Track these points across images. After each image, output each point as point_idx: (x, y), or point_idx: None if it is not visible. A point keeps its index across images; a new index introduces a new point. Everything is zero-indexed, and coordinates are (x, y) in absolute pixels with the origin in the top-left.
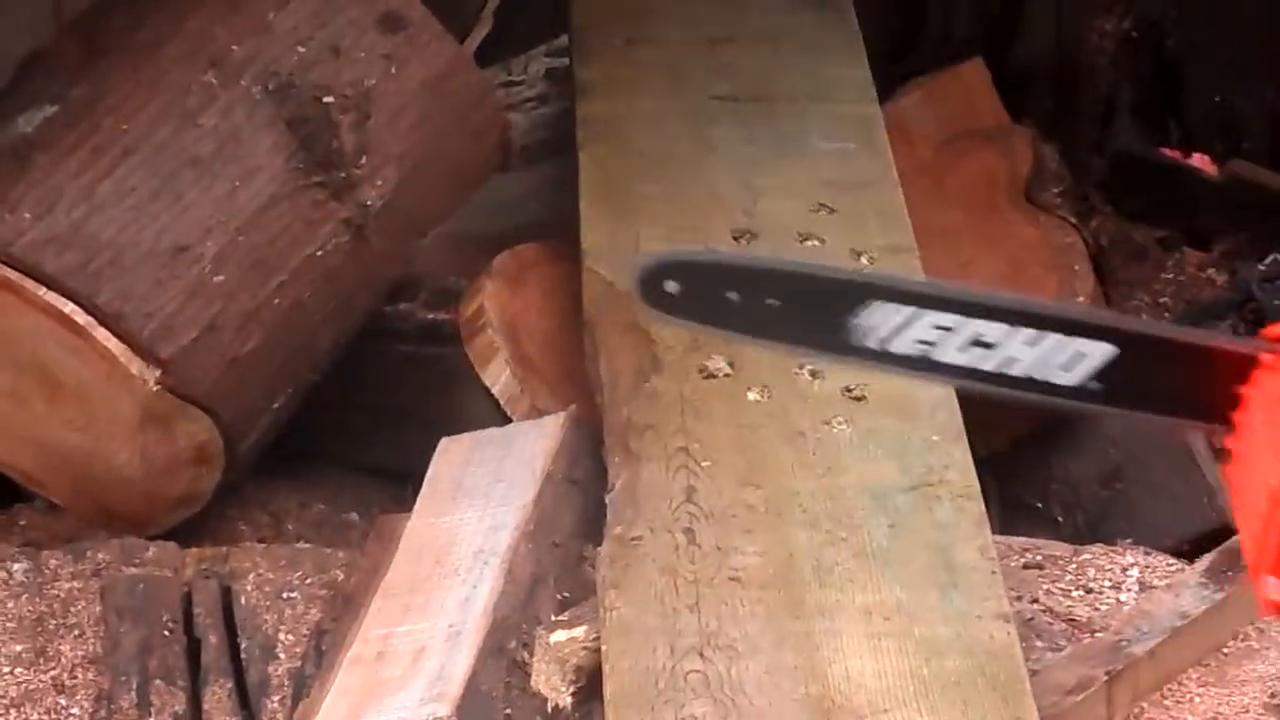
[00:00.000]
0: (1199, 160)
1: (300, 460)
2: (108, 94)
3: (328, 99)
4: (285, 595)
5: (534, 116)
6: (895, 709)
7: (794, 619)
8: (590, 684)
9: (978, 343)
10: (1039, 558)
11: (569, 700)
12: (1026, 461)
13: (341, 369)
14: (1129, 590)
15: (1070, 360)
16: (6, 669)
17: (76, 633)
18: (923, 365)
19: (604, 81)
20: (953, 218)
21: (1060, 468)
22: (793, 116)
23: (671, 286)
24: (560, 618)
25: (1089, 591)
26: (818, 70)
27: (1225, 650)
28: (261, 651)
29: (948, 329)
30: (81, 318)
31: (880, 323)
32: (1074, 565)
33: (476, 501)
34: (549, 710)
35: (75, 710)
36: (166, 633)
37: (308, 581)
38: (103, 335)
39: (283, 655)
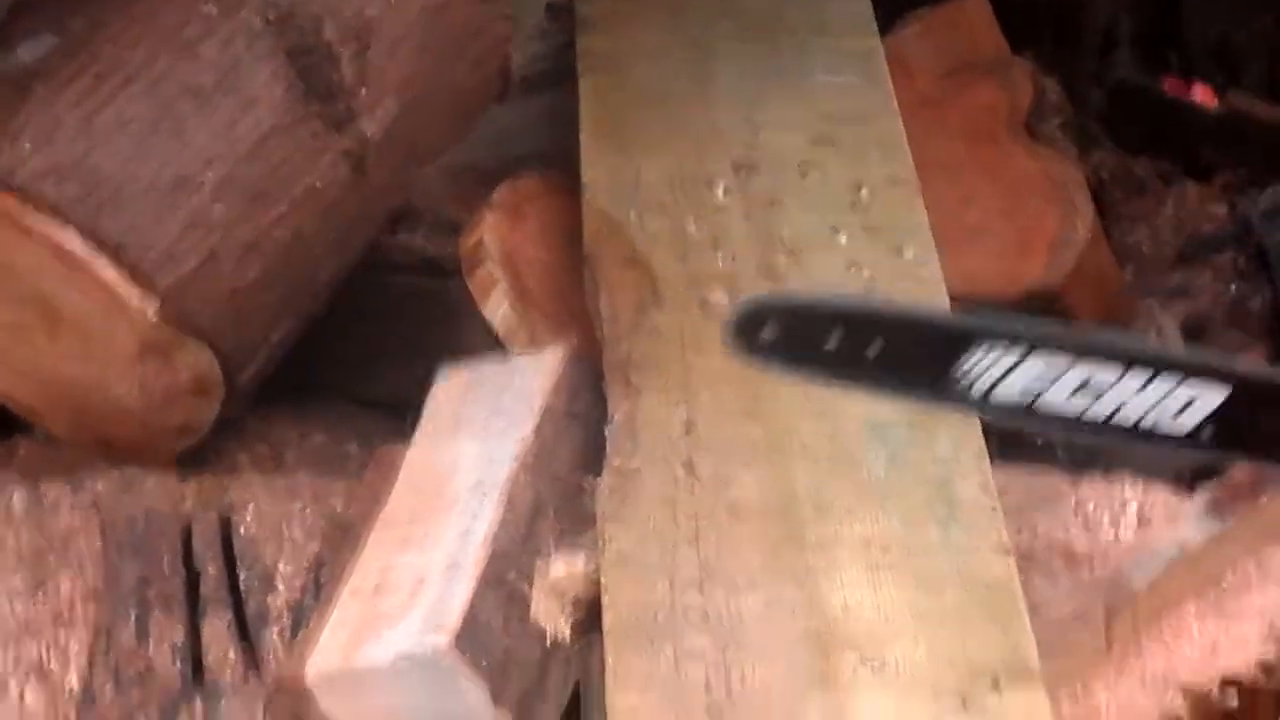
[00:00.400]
0: (1200, 91)
1: (300, 392)
2: (107, 24)
3: (328, 29)
4: (285, 526)
5: (533, 49)
6: (894, 641)
7: (793, 552)
8: (590, 616)
9: (1086, 388)
10: (1038, 489)
11: (568, 632)
12: None
13: (342, 301)
14: (1127, 523)
15: (1182, 406)
16: (5, 601)
17: (75, 565)
18: (1031, 414)
19: (605, 15)
20: (953, 150)
21: None
22: (794, 50)
23: (769, 333)
24: (559, 550)
25: (1088, 523)
26: (819, 4)
27: (1224, 583)
28: (261, 583)
29: (1055, 375)
30: (81, 248)
31: (986, 369)
32: (1072, 498)
33: (475, 433)
34: (548, 642)
35: (74, 643)
36: (166, 565)
37: (307, 513)
38: (102, 266)
39: (282, 587)
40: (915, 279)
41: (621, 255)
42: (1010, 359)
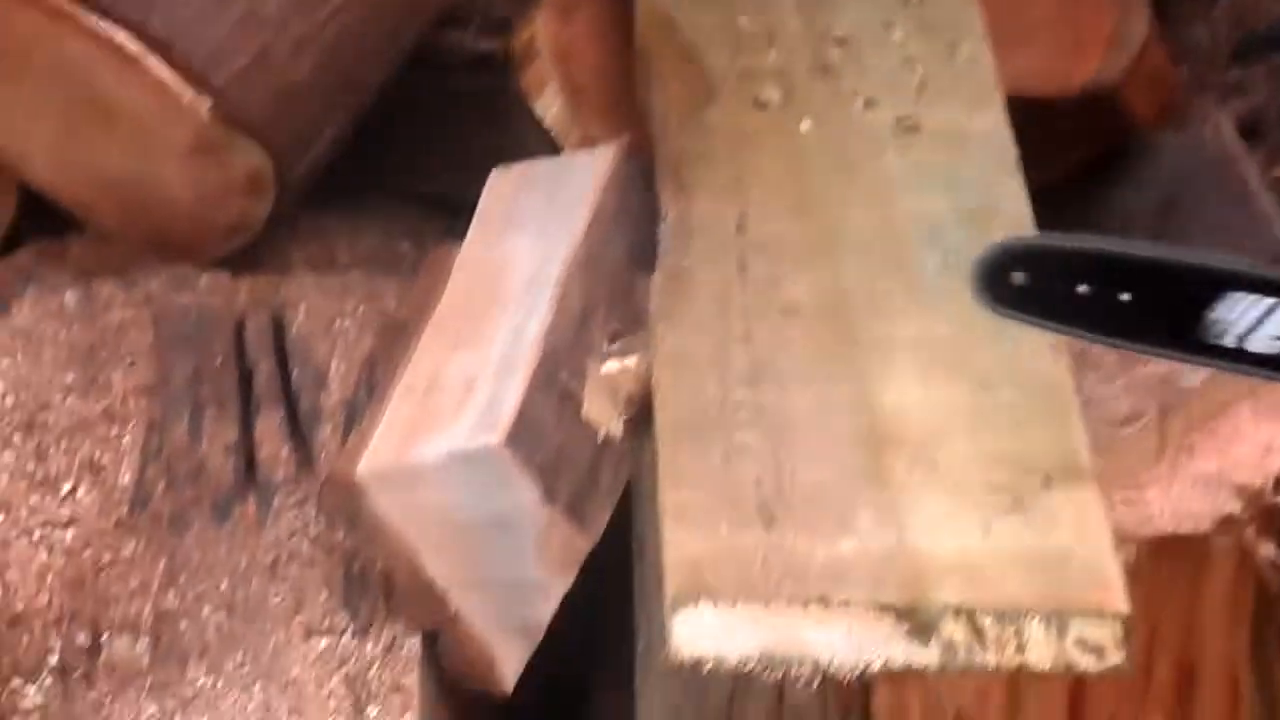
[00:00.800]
0: None
1: (352, 191)
2: None
3: None
4: (337, 324)
5: None
6: (946, 439)
7: (845, 350)
8: (642, 413)
9: None
10: None
11: (620, 429)
12: (1082, 194)
13: (394, 99)
14: None
15: None
16: (59, 398)
17: (128, 361)
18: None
19: None
20: None
21: (1115, 200)
22: None
23: (1018, 278)
24: (612, 347)
25: None
26: None
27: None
28: (313, 381)
29: None
30: (133, 45)
31: (1239, 317)
32: None
33: (528, 231)
34: (600, 440)
35: (127, 439)
36: (218, 362)
37: (360, 311)
38: (154, 63)
39: (335, 385)
40: (969, 77)
41: (674, 51)
42: (1263, 306)
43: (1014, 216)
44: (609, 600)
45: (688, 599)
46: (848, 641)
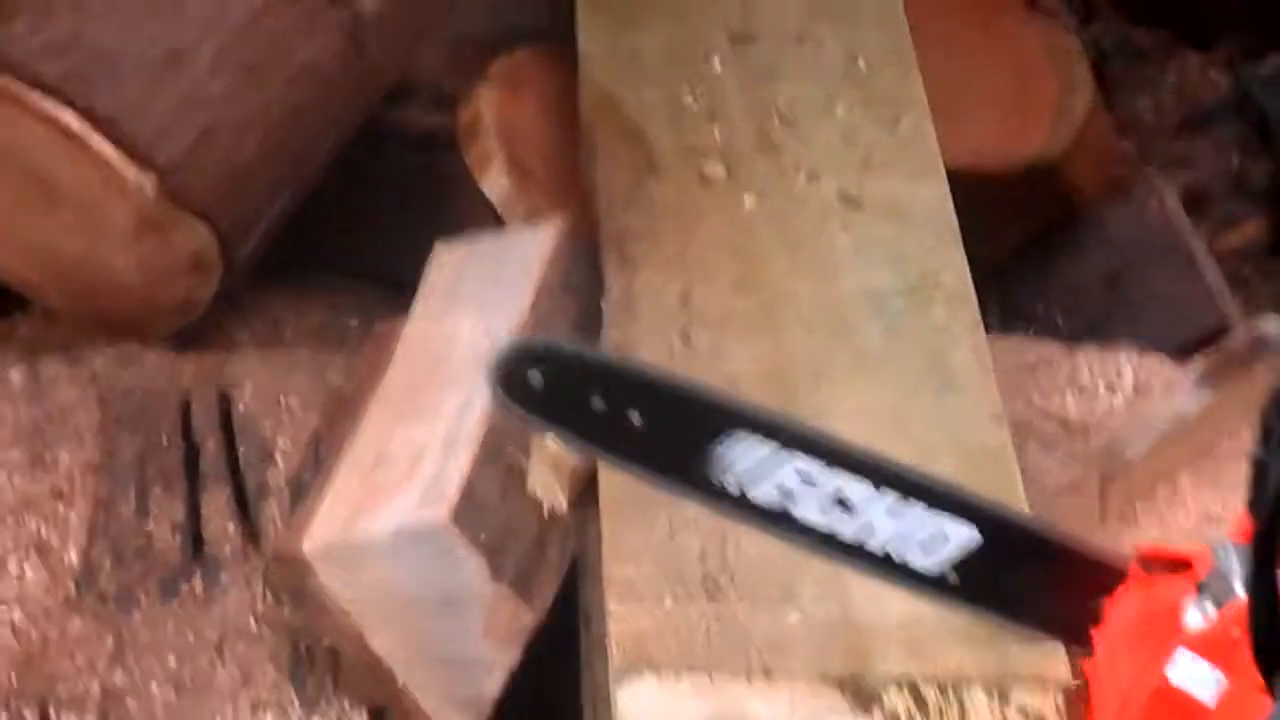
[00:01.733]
0: None
1: (298, 268)
2: None
3: None
4: (283, 401)
5: None
6: None
7: None
8: (586, 488)
9: (839, 502)
10: (1033, 359)
11: (565, 504)
12: (1030, 265)
13: (339, 176)
14: (1123, 392)
15: (930, 541)
16: (4, 476)
17: (74, 440)
18: (781, 520)
19: None
20: (952, 23)
21: (1061, 271)
22: None
23: (535, 379)
24: None
25: (1083, 392)
26: None
27: (1218, 453)
28: (259, 458)
29: (810, 483)
30: (78, 124)
31: (744, 460)
32: (1068, 366)
33: (472, 307)
34: (545, 515)
35: (73, 517)
36: (165, 440)
37: (305, 387)
38: (98, 142)
39: (281, 462)
40: (912, 149)
41: (619, 127)
42: (766, 449)
43: (955, 288)
44: (556, 673)
45: (633, 671)
46: (792, 713)
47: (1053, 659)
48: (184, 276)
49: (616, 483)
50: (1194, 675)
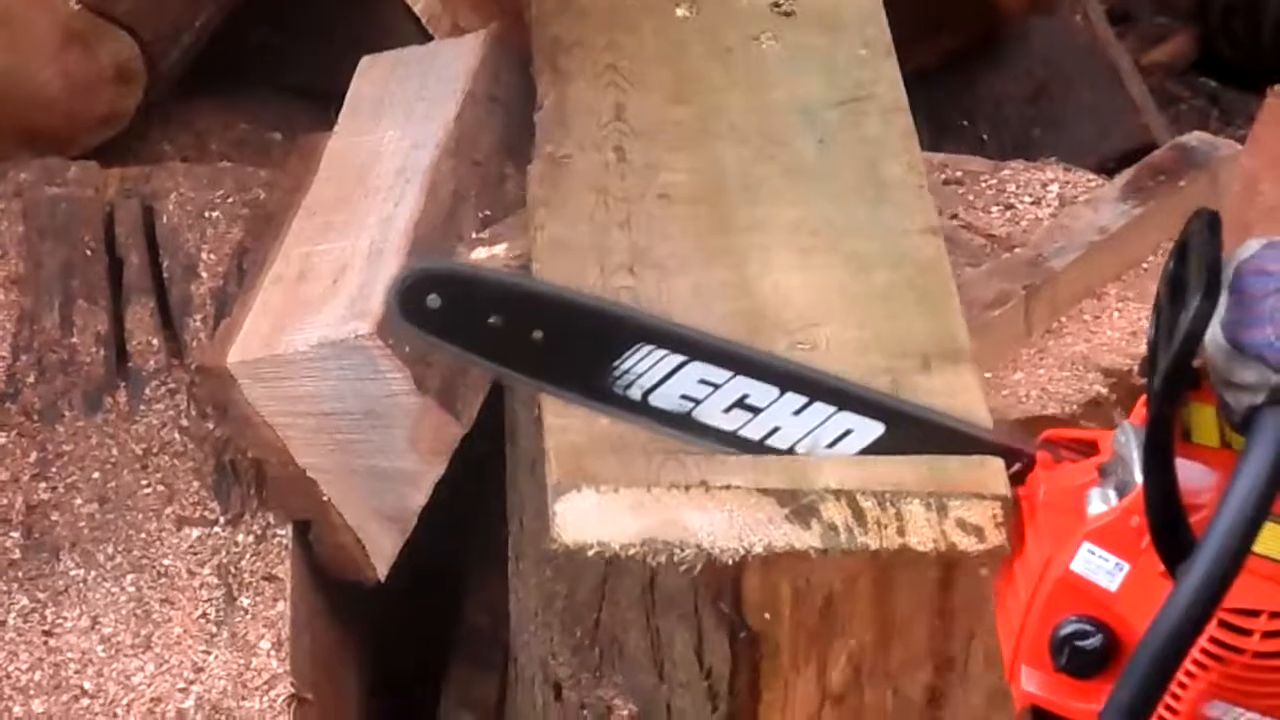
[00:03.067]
0: None
1: (224, 80)
2: None
3: None
4: (207, 214)
5: None
6: (824, 322)
7: (723, 235)
8: None
9: (743, 405)
10: (960, 173)
11: None
12: (955, 79)
13: None
14: (1049, 205)
15: (838, 438)
16: None
17: None
18: (685, 424)
19: None
20: None
21: (987, 85)
22: None
23: (433, 301)
24: (481, 235)
25: (1009, 207)
26: None
27: (1145, 265)
28: (184, 271)
29: (714, 385)
30: None
31: (647, 370)
32: (994, 181)
33: (397, 120)
34: None
35: None
36: (89, 252)
37: (230, 200)
38: None
39: (205, 274)
40: None
41: None
42: (671, 363)
43: (889, 100)
44: (481, 486)
45: (570, 485)
46: (729, 526)
47: (991, 473)
48: (108, 88)
49: None
50: (1096, 565)
